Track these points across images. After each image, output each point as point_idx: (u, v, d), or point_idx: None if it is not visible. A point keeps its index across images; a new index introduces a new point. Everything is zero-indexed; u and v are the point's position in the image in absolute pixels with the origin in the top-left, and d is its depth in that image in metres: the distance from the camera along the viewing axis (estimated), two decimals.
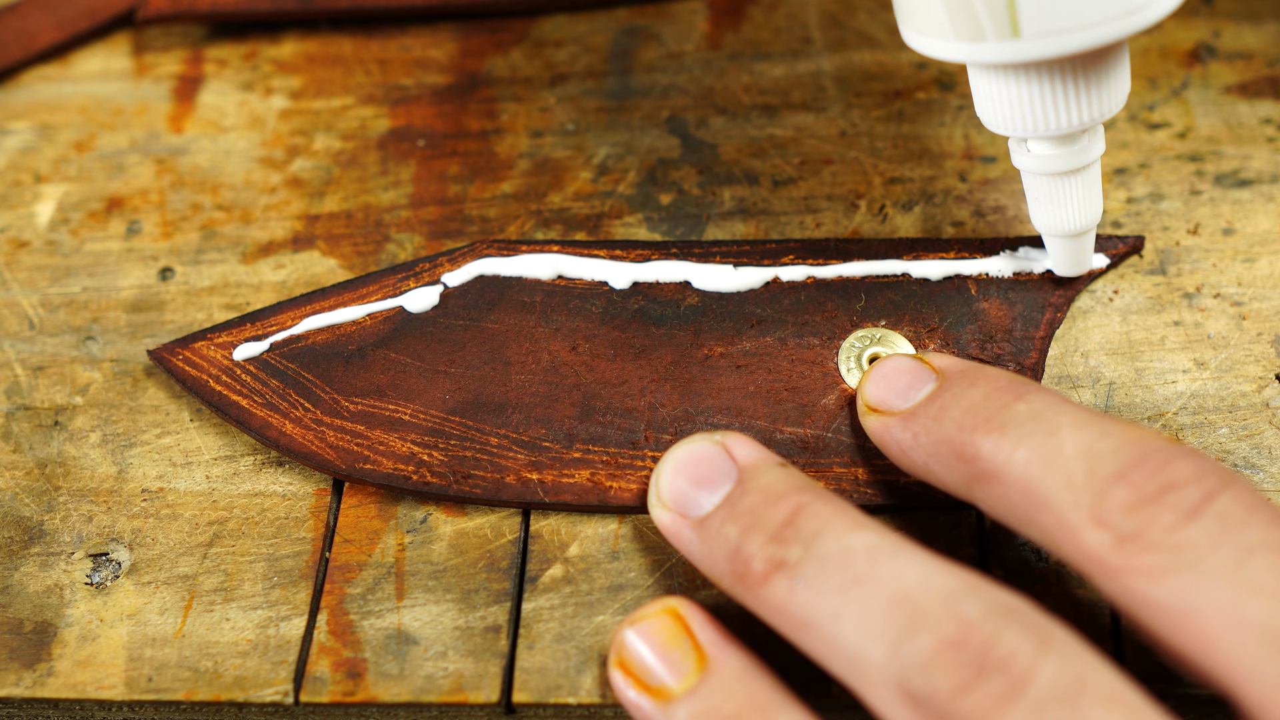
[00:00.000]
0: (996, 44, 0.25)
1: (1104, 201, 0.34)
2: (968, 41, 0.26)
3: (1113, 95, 0.27)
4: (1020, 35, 0.25)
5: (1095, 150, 0.29)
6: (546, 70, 0.40)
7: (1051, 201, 0.29)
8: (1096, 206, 0.30)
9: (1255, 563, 0.22)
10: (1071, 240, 0.31)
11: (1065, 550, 0.24)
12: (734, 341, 0.32)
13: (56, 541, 0.31)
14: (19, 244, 0.37)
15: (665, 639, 0.26)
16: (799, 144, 0.37)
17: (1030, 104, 0.27)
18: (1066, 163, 0.28)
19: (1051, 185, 0.29)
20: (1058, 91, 0.27)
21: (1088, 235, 0.31)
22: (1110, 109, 0.27)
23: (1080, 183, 0.29)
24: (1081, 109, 0.27)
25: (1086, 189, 0.29)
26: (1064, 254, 0.31)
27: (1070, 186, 0.29)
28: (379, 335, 0.32)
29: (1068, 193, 0.29)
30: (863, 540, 0.24)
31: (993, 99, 0.27)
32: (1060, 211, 0.30)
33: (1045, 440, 0.24)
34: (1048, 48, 0.25)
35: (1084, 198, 0.29)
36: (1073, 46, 0.25)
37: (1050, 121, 0.27)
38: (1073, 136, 0.28)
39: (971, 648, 0.22)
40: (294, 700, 0.28)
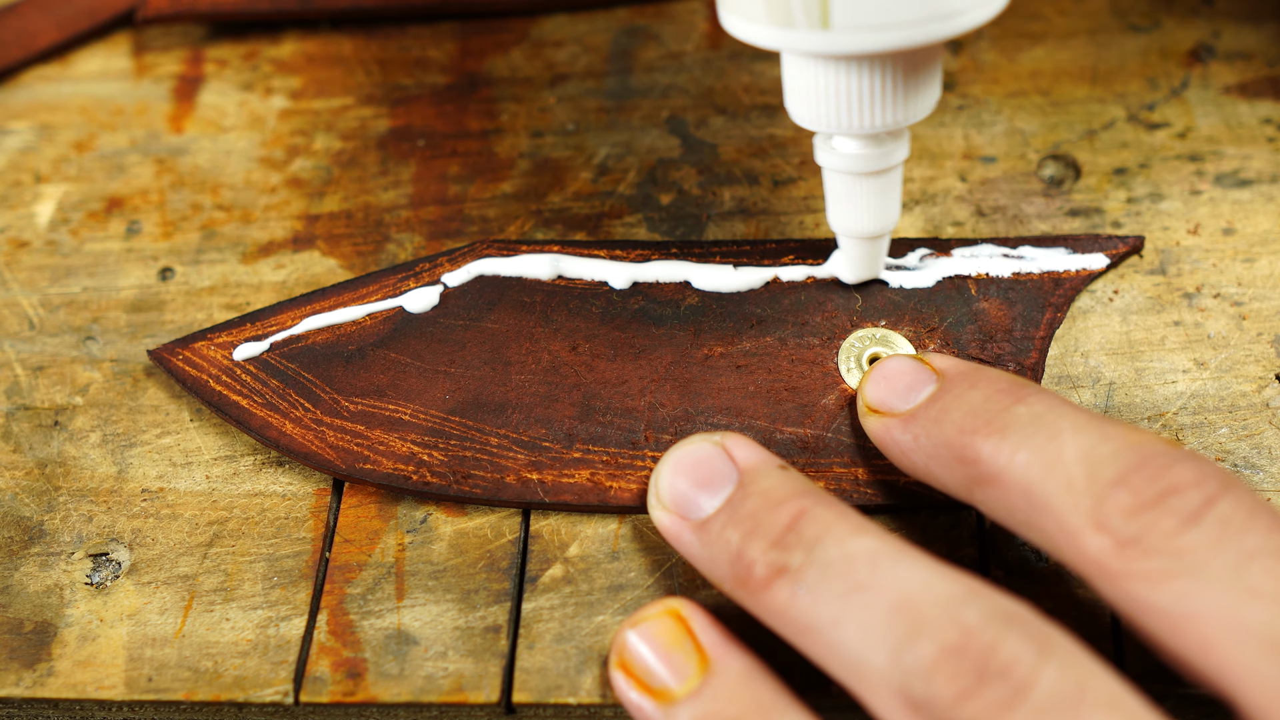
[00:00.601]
0: (807, 33, 0.25)
1: (1104, 201, 0.34)
2: (779, 28, 0.25)
3: (921, 101, 0.27)
4: (831, 26, 0.25)
5: (899, 154, 0.29)
6: (546, 70, 0.40)
7: (850, 202, 0.29)
8: (894, 211, 0.30)
9: (1255, 568, 0.22)
10: (865, 243, 0.31)
11: (1065, 554, 0.23)
12: (734, 341, 0.32)
13: (56, 541, 0.31)
14: (19, 244, 0.37)
15: (667, 640, 0.26)
16: (799, 144, 0.37)
17: (839, 100, 0.27)
18: (870, 164, 0.28)
19: (852, 185, 0.29)
20: (867, 90, 0.26)
21: (882, 240, 0.31)
22: (917, 114, 0.27)
23: (881, 186, 0.29)
24: (889, 111, 0.27)
25: (886, 192, 0.29)
26: (856, 256, 0.31)
27: (870, 188, 0.29)
28: (379, 335, 0.32)
29: (867, 194, 0.29)
30: (864, 546, 0.24)
31: (803, 92, 0.27)
32: (857, 213, 0.30)
33: (1046, 444, 0.24)
34: (857, 42, 0.25)
35: (883, 201, 0.29)
36: (882, 44, 0.25)
37: (857, 120, 0.27)
38: (878, 138, 0.28)
39: (973, 654, 0.22)
40: (294, 700, 0.28)
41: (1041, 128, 0.36)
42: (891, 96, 0.27)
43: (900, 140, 0.29)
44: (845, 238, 0.31)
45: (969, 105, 0.37)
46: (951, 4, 0.25)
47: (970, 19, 0.25)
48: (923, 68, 0.27)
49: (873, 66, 0.26)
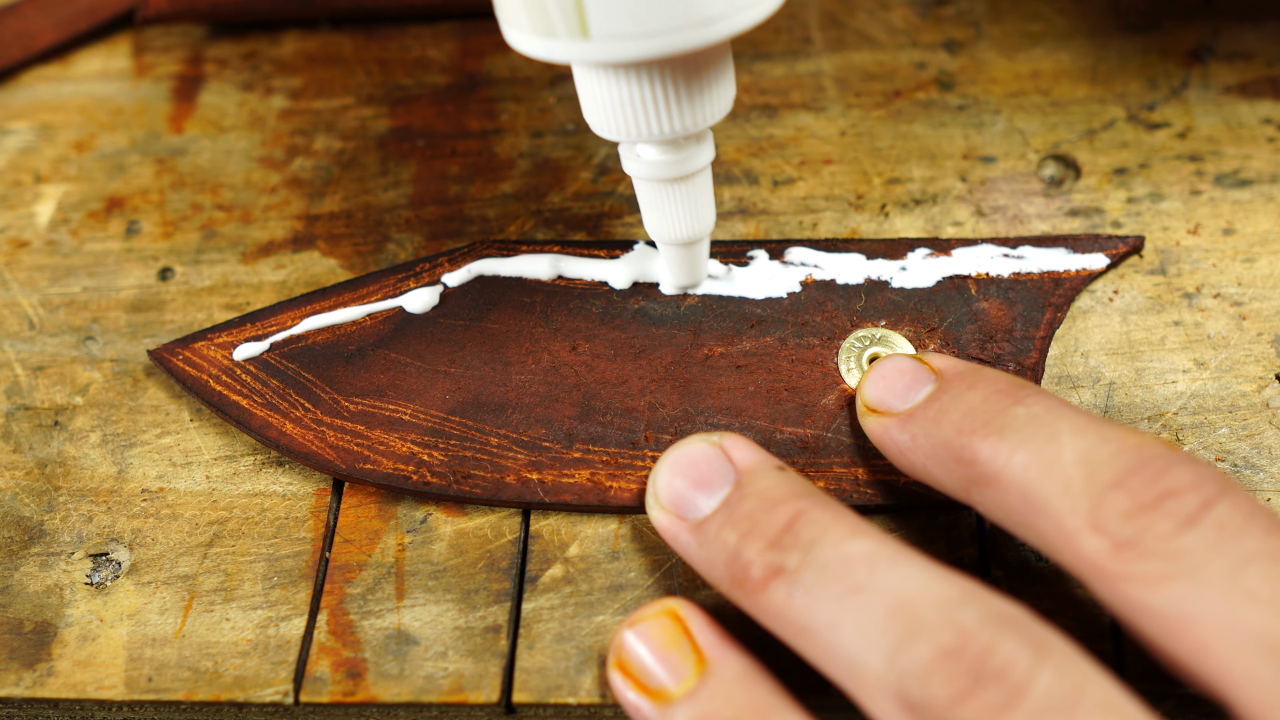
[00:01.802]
0: (568, 43, 0.25)
1: (1104, 201, 0.34)
2: (543, 37, 0.25)
3: (713, 103, 0.27)
4: (590, 36, 0.25)
5: (703, 158, 0.29)
6: (546, 70, 0.40)
7: (661, 208, 0.29)
8: (707, 215, 0.30)
9: (1252, 571, 0.22)
10: (684, 249, 0.31)
11: (1063, 555, 0.24)
12: (734, 341, 0.32)
13: (56, 541, 0.31)
14: (19, 244, 0.37)
15: (664, 641, 0.26)
16: (799, 144, 0.37)
17: (630, 108, 0.27)
18: (674, 170, 0.28)
19: (660, 192, 0.29)
20: (656, 97, 0.26)
21: (701, 244, 0.31)
22: (710, 117, 0.27)
23: (689, 190, 0.29)
24: (681, 116, 0.27)
25: (695, 197, 0.29)
26: (677, 263, 0.31)
27: (679, 194, 0.29)
28: (379, 335, 0.32)
29: (676, 200, 0.29)
30: (861, 547, 0.24)
31: (594, 101, 0.27)
32: (670, 219, 0.29)
33: (1044, 445, 0.24)
34: (618, 51, 0.25)
35: (693, 206, 0.29)
36: (642, 53, 0.25)
37: (651, 127, 0.27)
38: (678, 143, 0.28)
39: (969, 656, 0.22)
40: (294, 700, 0.28)
41: (1041, 128, 0.36)
42: (681, 101, 0.27)
43: (703, 143, 0.28)
44: (664, 245, 0.31)
45: (969, 105, 0.37)
46: (709, 10, 0.24)
47: (731, 24, 0.25)
48: (708, 71, 0.27)
49: (658, 72, 0.26)
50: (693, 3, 0.24)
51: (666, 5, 0.24)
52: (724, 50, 0.27)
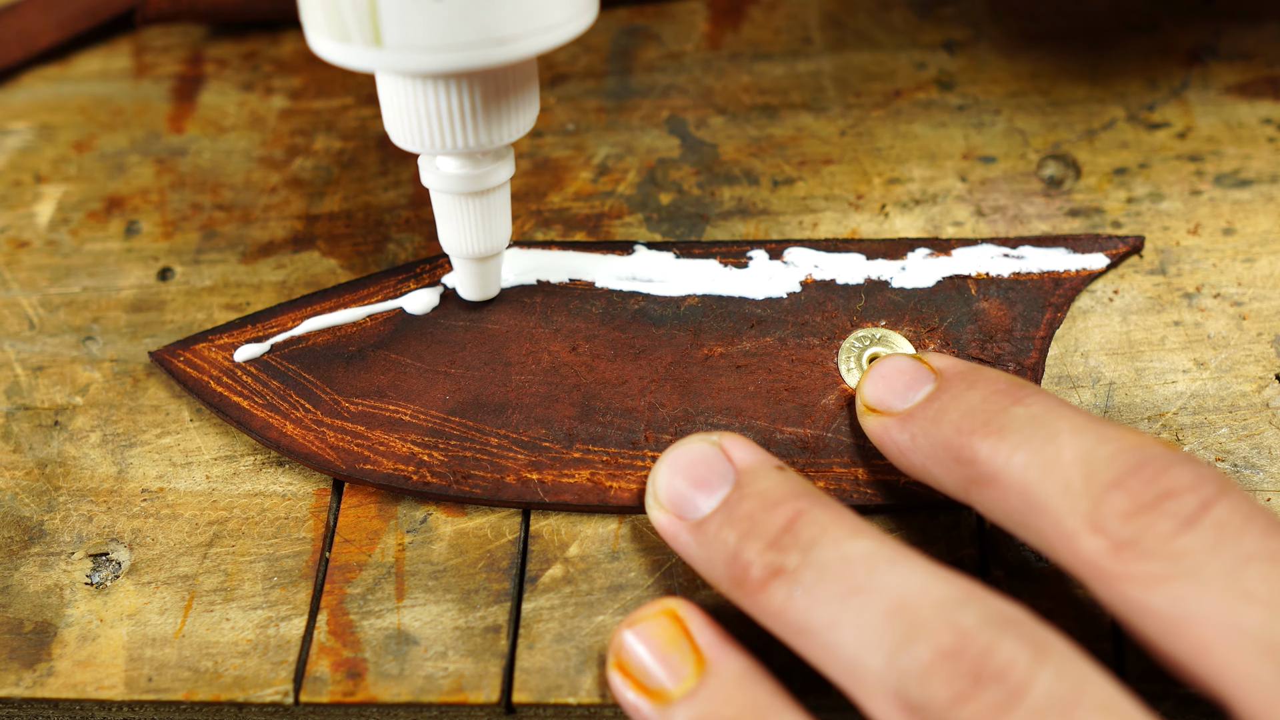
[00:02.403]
0: (362, 49, 0.25)
1: (1104, 201, 0.34)
2: (337, 42, 0.25)
3: (513, 121, 0.27)
4: (384, 44, 0.24)
5: (500, 175, 0.29)
6: (546, 70, 0.40)
7: (456, 222, 0.29)
8: (502, 231, 0.30)
9: (1251, 572, 0.22)
10: (477, 264, 0.31)
11: (1062, 555, 0.24)
12: (734, 341, 0.32)
13: (56, 541, 0.31)
14: (19, 244, 0.37)
15: (663, 641, 0.26)
16: (799, 144, 0.37)
17: (429, 120, 0.27)
18: (471, 185, 0.28)
19: (458, 205, 0.29)
20: (455, 110, 0.26)
21: (494, 260, 0.31)
22: (510, 134, 0.27)
23: (485, 206, 0.29)
24: (480, 131, 0.27)
25: (491, 213, 0.29)
26: (469, 276, 0.31)
27: (475, 209, 0.29)
28: (379, 336, 0.32)
29: (472, 215, 0.29)
30: (861, 548, 0.24)
31: (393, 111, 0.27)
32: (465, 233, 0.30)
33: (1043, 445, 0.24)
34: (411, 62, 0.25)
35: (489, 221, 0.29)
36: (435, 66, 0.25)
37: (449, 140, 0.27)
38: (477, 159, 0.28)
39: (969, 657, 0.22)
40: (294, 700, 0.28)
41: (1041, 128, 0.36)
42: (479, 117, 0.27)
43: (502, 160, 0.29)
44: (457, 259, 0.31)
45: (969, 105, 0.37)
46: (507, 29, 0.24)
47: (528, 45, 0.25)
48: (510, 88, 0.27)
49: (456, 86, 0.26)
50: (489, 20, 0.24)
51: (462, 21, 0.24)
52: (527, 68, 0.27)
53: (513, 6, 0.24)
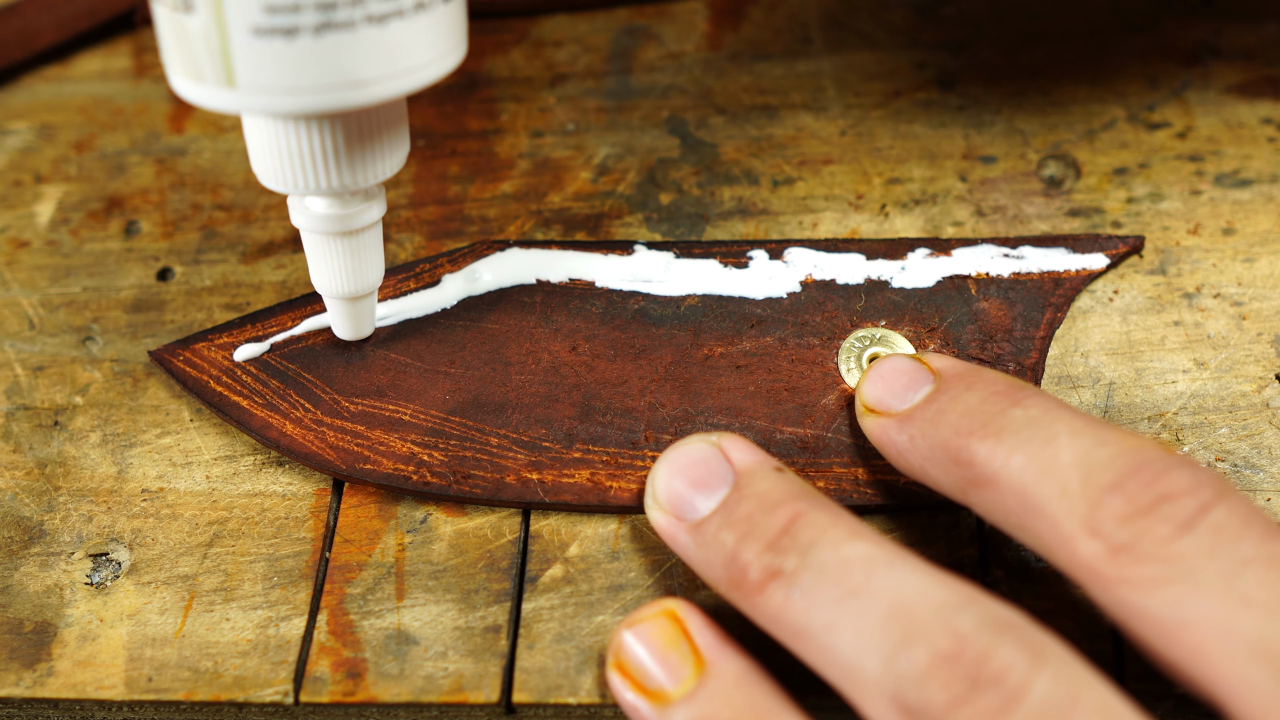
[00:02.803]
0: (216, 89, 0.25)
1: (1104, 201, 0.34)
2: (192, 81, 0.25)
3: (379, 163, 0.27)
4: (237, 86, 0.24)
5: (370, 215, 0.28)
6: (546, 70, 0.40)
7: (325, 262, 0.29)
8: (373, 272, 0.30)
9: (1248, 576, 0.22)
10: (349, 303, 0.30)
11: (1059, 558, 0.24)
12: (734, 341, 0.32)
13: (56, 541, 0.31)
14: (19, 244, 0.37)
15: (663, 642, 0.26)
16: (799, 144, 0.37)
17: (292, 160, 0.26)
18: (340, 225, 0.28)
19: (327, 245, 0.29)
20: (318, 151, 0.26)
21: (368, 299, 0.31)
22: (375, 176, 0.27)
23: (355, 246, 0.29)
24: (343, 173, 0.27)
25: (362, 253, 0.29)
26: (341, 316, 0.31)
27: (344, 249, 0.29)
28: (379, 336, 0.32)
29: (341, 254, 0.29)
30: (859, 551, 0.24)
31: (258, 150, 0.27)
32: (335, 273, 0.29)
33: (1041, 447, 0.24)
34: (264, 103, 0.24)
35: (360, 261, 0.29)
36: (289, 108, 0.24)
37: (317, 181, 0.27)
38: (345, 199, 0.28)
39: (966, 662, 0.22)
40: (294, 700, 0.28)
41: (1041, 128, 0.36)
42: (344, 158, 0.26)
43: (373, 200, 0.28)
44: (328, 298, 0.30)
45: (969, 105, 0.37)
46: (362, 73, 0.24)
47: (386, 89, 0.25)
48: (377, 129, 0.26)
49: (319, 126, 0.26)
50: (343, 65, 0.24)
51: (315, 64, 0.24)
52: (395, 109, 0.27)
53: (369, 50, 0.24)
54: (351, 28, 0.24)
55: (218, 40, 0.24)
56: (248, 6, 0.23)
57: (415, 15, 0.24)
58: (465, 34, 0.27)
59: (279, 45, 0.23)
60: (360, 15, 0.24)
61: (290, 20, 0.23)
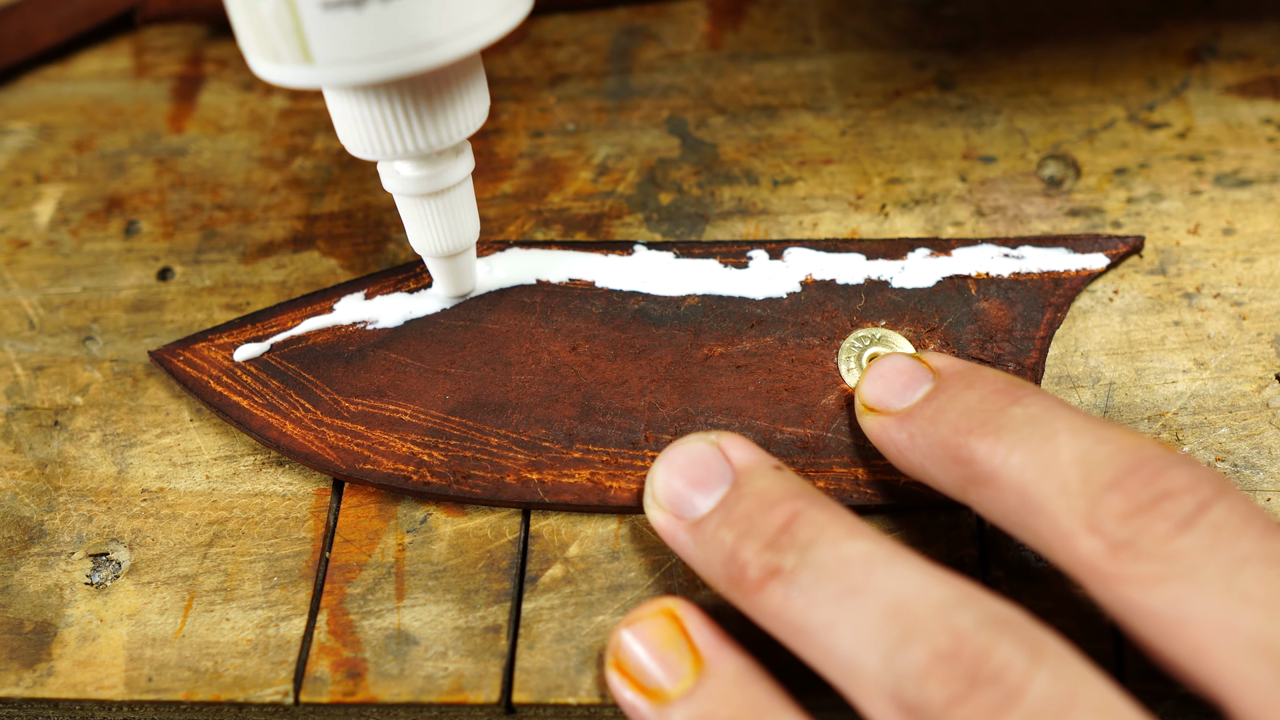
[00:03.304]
0: (294, 67, 0.25)
1: (1104, 201, 0.34)
2: (270, 62, 0.25)
3: (462, 120, 0.27)
4: (314, 61, 0.25)
5: (458, 172, 0.29)
6: (546, 70, 0.40)
7: (422, 222, 0.30)
8: (469, 228, 0.30)
9: (1247, 574, 0.22)
10: (448, 261, 0.31)
11: (1059, 556, 0.24)
12: (734, 341, 0.32)
13: (56, 541, 0.31)
14: (19, 244, 0.37)
15: (661, 641, 0.26)
16: (799, 144, 0.37)
17: (377, 127, 0.27)
18: (430, 184, 0.29)
19: (420, 206, 0.29)
20: (398, 115, 0.27)
21: (466, 255, 0.31)
22: (460, 133, 0.27)
23: (448, 204, 0.29)
24: (427, 133, 0.27)
25: (455, 210, 0.29)
26: (443, 274, 0.31)
27: (438, 208, 0.29)
28: (379, 336, 0.32)
29: (436, 214, 0.29)
30: (858, 549, 0.24)
31: (344, 120, 0.27)
32: (432, 232, 0.30)
33: (1041, 445, 0.24)
34: (341, 75, 0.25)
35: (453, 219, 0.30)
36: (366, 76, 0.25)
37: (402, 144, 0.27)
38: (432, 159, 0.28)
39: (965, 659, 0.22)
40: (294, 700, 0.28)
41: (1041, 128, 0.36)
42: (425, 119, 0.27)
43: (460, 157, 0.29)
44: (428, 258, 0.31)
45: (969, 105, 0.37)
46: (431, 33, 0.25)
47: (456, 47, 0.25)
48: (452, 87, 0.27)
49: (397, 92, 0.26)
50: (413, 27, 0.24)
51: (386, 30, 0.24)
52: (469, 64, 0.27)
53: (436, 9, 0.24)
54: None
55: (290, 18, 0.24)
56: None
57: None
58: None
59: (349, 15, 0.24)
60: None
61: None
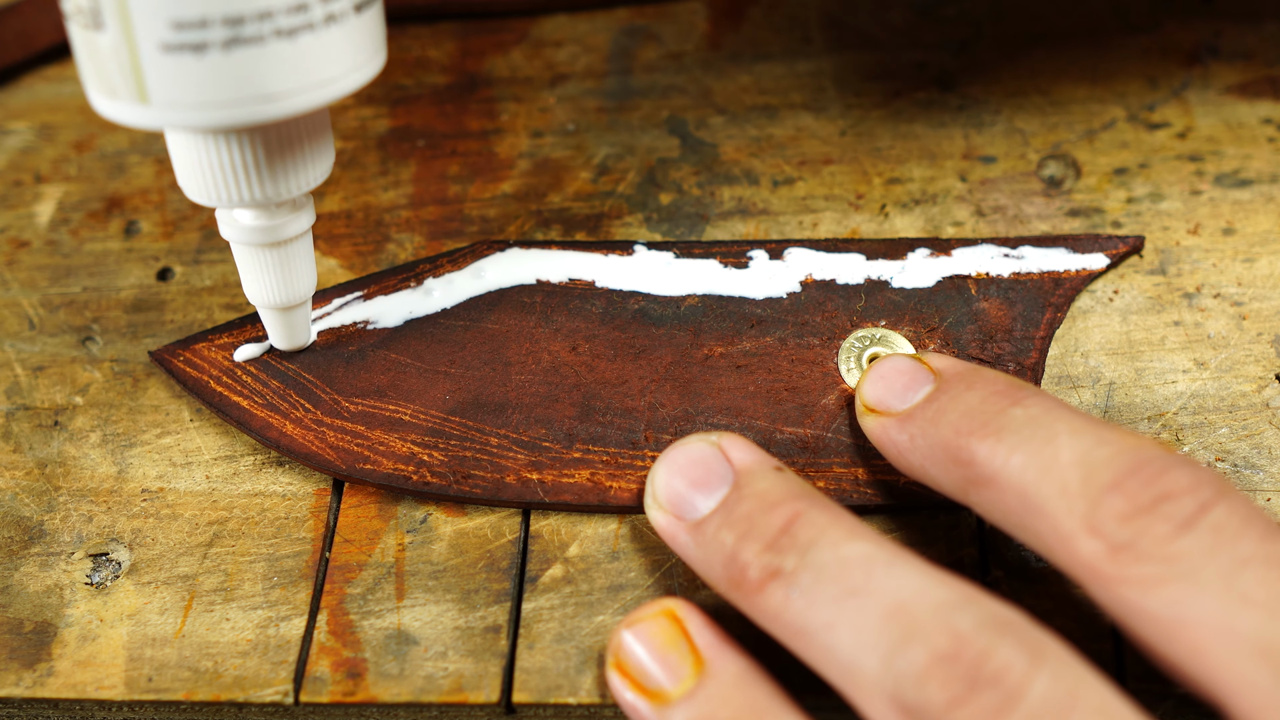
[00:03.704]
0: (129, 105, 0.24)
1: (1104, 201, 0.34)
2: (106, 97, 0.25)
3: (303, 174, 0.27)
4: (150, 102, 0.24)
5: (298, 225, 0.28)
6: (546, 70, 0.40)
7: (257, 273, 0.29)
8: (305, 281, 0.30)
9: (1247, 575, 0.22)
10: (282, 313, 0.30)
11: (1059, 557, 0.24)
12: (734, 341, 0.32)
13: (56, 541, 0.31)
14: (19, 244, 0.37)
15: (662, 641, 0.26)
16: (799, 144, 0.37)
17: (219, 173, 0.26)
18: (268, 235, 0.28)
19: (256, 256, 0.29)
20: (241, 164, 0.26)
21: (301, 309, 0.30)
22: (300, 187, 0.27)
23: (285, 256, 0.29)
24: (268, 185, 0.27)
25: (292, 263, 0.29)
26: (276, 326, 0.31)
27: (274, 260, 0.29)
28: (379, 336, 0.32)
29: (272, 265, 0.29)
30: (858, 550, 0.24)
31: (185, 164, 0.27)
32: (266, 284, 0.29)
33: (1041, 447, 0.24)
34: (177, 119, 0.24)
35: (289, 272, 0.29)
36: (203, 123, 0.24)
37: (239, 194, 0.27)
38: (271, 210, 0.28)
39: (965, 661, 0.22)
40: (294, 700, 0.28)
41: (1041, 128, 0.36)
42: (266, 169, 0.26)
43: (301, 210, 0.28)
44: (261, 309, 0.30)
45: (969, 105, 0.37)
46: (271, 88, 0.24)
47: (298, 102, 0.25)
48: (300, 140, 0.26)
49: (239, 140, 0.26)
50: (255, 78, 0.24)
51: (226, 79, 0.24)
52: (315, 120, 0.27)
53: (280, 64, 0.24)
54: (261, 42, 0.24)
55: (128, 57, 0.24)
56: (155, 23, 0.23)
57: (326, 28, 0.24)
58: (383, 42, 0.27)
59: (189, 61, 0.23)
60: (269, 30, 0.24)
61: (199, 36, 0.23)
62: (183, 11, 0.23)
